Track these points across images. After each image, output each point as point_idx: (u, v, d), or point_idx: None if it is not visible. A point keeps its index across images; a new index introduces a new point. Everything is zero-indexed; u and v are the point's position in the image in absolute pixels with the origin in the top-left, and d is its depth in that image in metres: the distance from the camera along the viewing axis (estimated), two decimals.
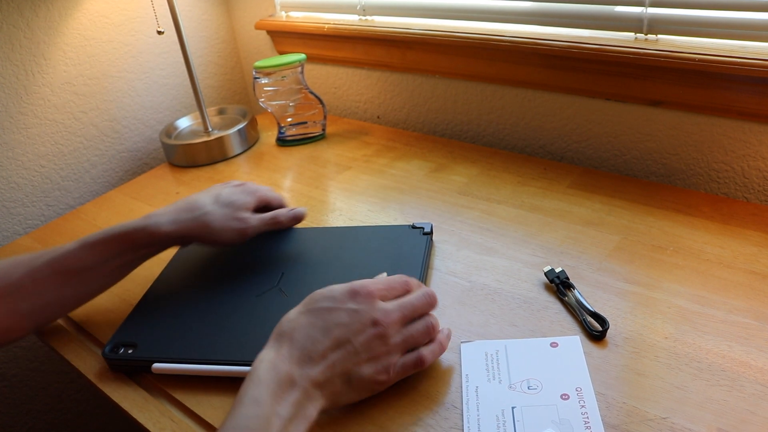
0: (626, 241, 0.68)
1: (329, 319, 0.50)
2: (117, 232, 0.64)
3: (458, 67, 0.94)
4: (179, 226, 0.65)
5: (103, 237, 0.63)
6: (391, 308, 0.52)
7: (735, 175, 0.77)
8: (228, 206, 0.69)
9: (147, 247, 0.65)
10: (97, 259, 0.63)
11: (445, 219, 0.76)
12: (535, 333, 0.57)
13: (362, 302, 0.51)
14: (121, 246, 0.63)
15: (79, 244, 0.63)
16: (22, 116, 0.95)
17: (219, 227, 0.67)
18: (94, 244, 0.63)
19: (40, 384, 1.04)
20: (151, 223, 0.64)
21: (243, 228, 0.69)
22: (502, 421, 0.49)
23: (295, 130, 1.03)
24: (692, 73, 0.73)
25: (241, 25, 1.21)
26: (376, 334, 0.50)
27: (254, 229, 0.70)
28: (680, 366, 0.52)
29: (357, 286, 0.52)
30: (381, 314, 0.51)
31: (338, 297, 0.51)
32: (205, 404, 0.55)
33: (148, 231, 0.64)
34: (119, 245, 0.63)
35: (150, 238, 0.64)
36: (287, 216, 0.74)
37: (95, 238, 0.63)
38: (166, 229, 0.65)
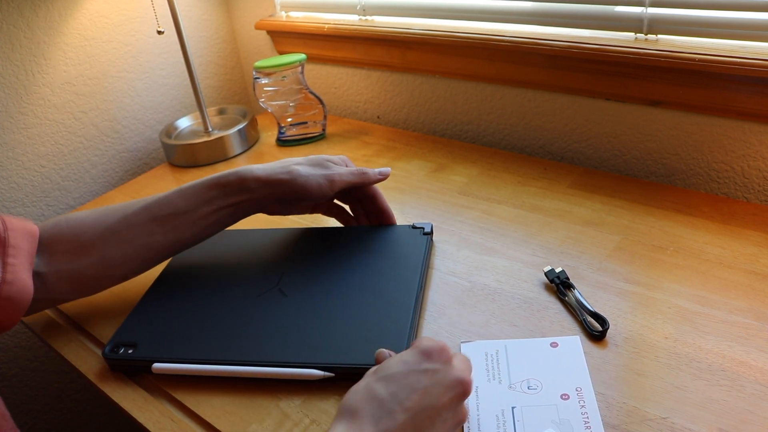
0: (626, 241, 0.68)
1: (405, 386, 0.44)
2: (210, 178, 0.65)
3: (458, 67, 0.94)
4: (269, 173, 0.65)
5: (197, 183, 0.65)
6: (465, 367, 0.48)
7: (735, 175, 0.77)
8: (317, 162, 0.68)
9: (238, 194, 0.65)
10: (190, 204, 0.64)
11: (445, 219, 0.76)
12: (535, 333, 0.57)
13: (439, 361, 0.46)
14: (213, 191, 0.64)
15: (173, 191, 0.64)
16: (22, 116, 0.95)
17: (307, 174, 0.66)
18: (187, 189, 0.64)
19: (40, 384, 1.04)
20: (244, 169, 0.65)
21: (330, 175, 0.67)
22: (502, 421, 0.49)
23: (295, 130, 1.03)
24: (692, 73, 0.73)
25: (241, 25, 1.21)
26: (461, 393, 0.46)
27: (342, 179, 0.68)
28: (680, 366, 0.52)
29: (429, 345, 0.47)
30: (462, 373, 0.47)
31: (410, 360, 0.46)
32: (205, 404, 0.55)
33: (239, 176, 0.65)
34: (210, 191, 0.64)
35: (241, 183, 0.65)
36: (374, 171, 0.71)
37: (189, 184, 0.65)
38: (257, 174, 0.65)
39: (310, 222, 0.80)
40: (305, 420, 0.52)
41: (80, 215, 0.64)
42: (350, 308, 0.61)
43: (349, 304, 0.61)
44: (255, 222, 0.81)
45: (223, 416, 0.53)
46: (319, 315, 0.60)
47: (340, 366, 0.54)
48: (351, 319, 0.59)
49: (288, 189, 0.66)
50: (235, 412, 0.54)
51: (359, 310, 0.60)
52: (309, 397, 0.54)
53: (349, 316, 0.60)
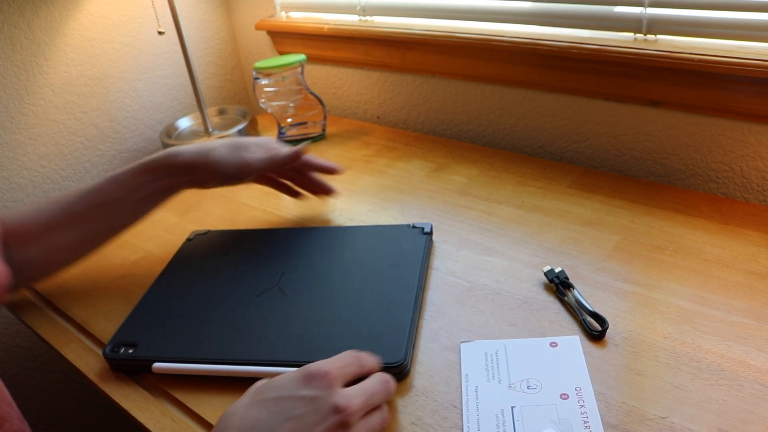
0: (626, 241, 0.68)
1: (279, 413, 0.43)
2: (140, 163, 0.68)
3: (458, 67, 0.94)
4: (191, 158, 0.69)
5: (128, 170, 0.68)
6: (353, 393, 0.45)
7: (734, 175, 0.77)
8: (236, 146, 0.71)
9: (166, 178, 0.69)
10: (123, 190, 0.67)
11: (445, 219, 0.76)
12: (534, 333, 0.57)
13: (319, 387, 0.44)
14: (143, 177, 0.68)
15: (107, 179, 0.68)
16: (23, 117, 0.95)
17: (223, 160, 0.69)
18: (120, 176, 0.68)
19: (40, 384, 1.04)
20: (169, 153, 0.69)
21: (244, 161, 0.70)
22: (502, 421, 0.49)
23: (295, 130, 1.03)
24: (691, 73, 0.73)
25: (242, 25, 1.21)
26: (338, 422, 0.43)
27: (255, 165, 0.71)
28: (679, 366, 0.52)
29: (312, 369, 0.46)
30: (343, 400, 0.44)
31: (288, 384, 0.45)
32: (205, 404, 0.55)
33: (165, 162, 0.68)
34: (141, 176, 0.68)
35: (167, 168, 0.68)
36: (284, 152, 0.73)
37: (122, 171, 0.68)
38: (180, 159, 0.69)
39: (309, 222, 0.80)
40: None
41: (20, 208, 0.68)
42: (350, 308, 0.61)
43: (349, 303, 0.61)
44: (255, 222, 0.82)
45: None
46: (319, 315, 0.60)
47: None
48: (351, 319, 0.59)
49: (207, 172, 0.70)
50: None
51: (359, 309, 0.60)
52: None
53: (349, 316, 0.60)
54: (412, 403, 0.52)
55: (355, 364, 0.49)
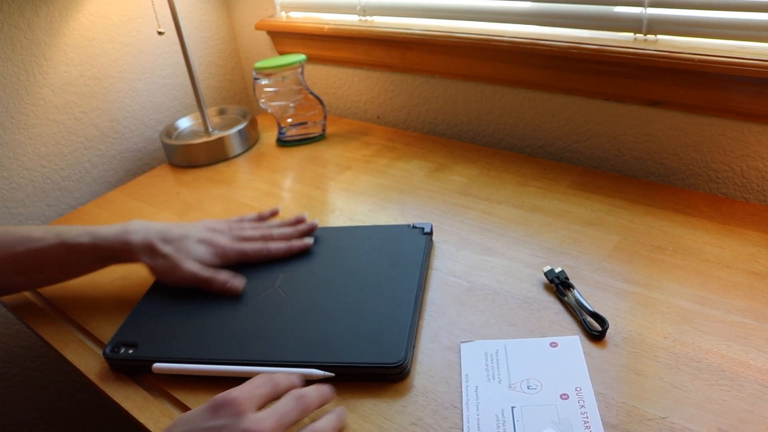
0: (626, 241, 0.68)
1: None
2: (95, 242, 0.65)
3: (458, 67, 0.94)
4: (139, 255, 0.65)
5: (82, 243, 0.65)
6: (264, 416, 0.45)
7: (734, 175, 0.77)
8: (182, 252, 0.65)
9: (117, 260, 0.66)
10: (72, 260, 0.66)
11: (445, 219, 0.76)
12: (534, 333, 0.57)
13: (227, 416, 0.44)
14: (97, 254, 0.65)
15: (58, 242, 0.65)
16: (22, 117, 0.95)
17: (157, 268, 0.65)
18: (72, 246, 0.65)
19: (40, 384, 1.04)
20: (125, 244, 0.65)
21: (173, 271, 0.64)
22: (502, 421, 0.49)
23: (295, 130, 1.03)
24: (691, 73, 0.73)
25: (242, 25, 1.21)
26: None
27: (183, 279, 0.64)
28: (680, 366, 0.52)
29: (218, 399, 0.45)
30: (254, 424, 0.43)
31: (196, 417, 0.44)
32: None
33: (120, 252, 0.65)
34: (95, 253, 0.65)
35: (121, 255, 0.65)
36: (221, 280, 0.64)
37: (74, 240, 0.65)
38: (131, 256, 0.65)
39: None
40: (305, 420, 0.52)
41: None
42: (350, 308, 0.61)
43: (349, 303, 0.61)
44: None
45: None
46: (319, 314, 0.60)
47: (340, 366, 0.55)
48: (351, 318, 0.59)
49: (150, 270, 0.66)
50: None
51: (359, 309, 0.60)
52: None
53: (349, 315, 0.60)
54: (412, 403, 0.52)
55: (267, 385, 0.48)
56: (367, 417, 0.51)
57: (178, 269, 0.64)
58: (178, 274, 0.64)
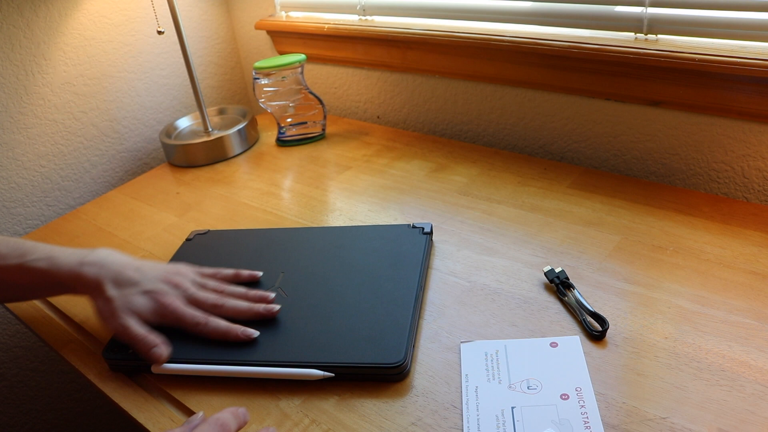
0: (626, 241, 0.68)
1: None
2: (51, 269, 0.61)
3: (458, 67, 0.94)
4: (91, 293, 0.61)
5: (44, 268, 0.61)
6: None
7: (735, 175, 0.77)
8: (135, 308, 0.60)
9: (73, 292, 0.63)
10: (29, 284, 0.62)
11: (445, 219, 0.76)
12: (534, 333, 0.57)
13: None
14: (55, 285, 0.62)
15: (17, 263, 0.61)
16: (22, 116, 0.95)
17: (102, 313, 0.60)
18: (29, 271, 0.61)
19: (40, 384, 1.04)
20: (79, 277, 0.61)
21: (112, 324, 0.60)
22: (502, 421, 0.49)
23: (295, 130, 1.03)
24: (692, 73, 0.73)
25: (241, 25, 1.21)
26: None
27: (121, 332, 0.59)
28: (680, 366, 0.52)
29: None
30: None
31: None
32: (205, 404, 0.55)
33: (75, 285, 0.61)
34: (53, 283, 0.62)
35: (76, 289, 0.62)
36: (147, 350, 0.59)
37: (32, 263, 0.61)
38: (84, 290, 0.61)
39: (309, 222, 0.80)
40: (305, 420, 0.52)
41: None
42: (350, 308, 0.61)
43: (349, 303, 0.61)
44: (255, 222, 0.82)
45: None
46: (319, 315, 0.60)
47: (339, 366, 0.54)
48: (351, 318, 0.59)
49: None
50: None
51: (359, 309, 0.60)
52: (309, 397, 0.54)
53: (349, 315, 0.60)
54: (412, 403, 0.52)
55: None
56: (367, 417, 0.51)
57: (114, 319, 0.59)
58: (111, 324, 0.60)
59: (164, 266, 0.65)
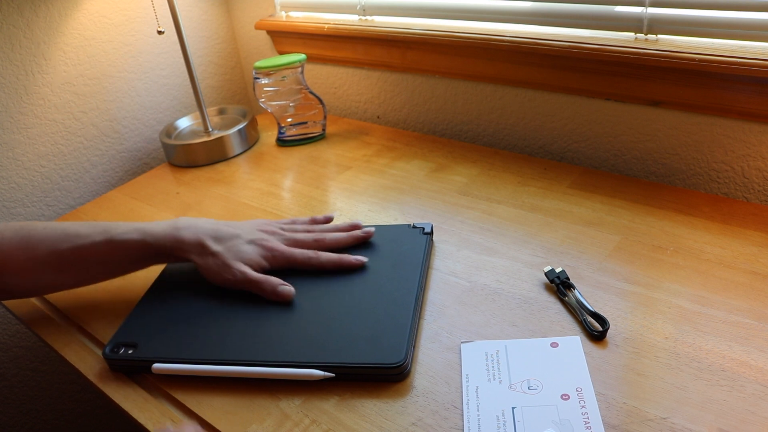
0: (626, 241, 0.68)
1: None
2: (144, 238, 0.64)
3: (458, 67, 0.94)
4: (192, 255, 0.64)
5: (130, 240, 0.63)
6: None
7: (735, 175, 0.77)
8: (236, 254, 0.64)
9: (167, 258, 0.66)
10: (120, 258, 0.64)
11: (445, 219, 0.76)
12: (535, 333, 0.57)
13: None
14: (146, 252, 0.64)
15: (104, 239, 0.63)
16: (22, 116, 0.95)
17: (207, 266, 0.64)
18: (119, 243, 0.63)
19: (40, 384, 1.04)
20: (176, 241, 0.64)
21: (226, 273, 0.63)
22: (503, 422, 0.49)
23: (295, 130, 1.03)
24: (692, 73, 0.73)
25: (241, 25, 1.21)
26: None
27: (234, 282, 0.63)
28: (680, 366, 0.52)
29: None
30: None
31: None
32: (205, 404, 0.55)
33: (173, 250, 0.64)
34: (143, 251, 0.64)
35: (171, 252, 0.64)
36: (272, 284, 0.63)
37: (121, 236, 0.63)
38: (183, 254, 0.64)
39: None
40: (305, 420, 0.52)
41: (6, 235, 0.64)
42: (350, 308, 0.61)
43: (349, 303, 0.61)
44: None
45: (223, 416, 0.53)
46: (319, 315, 0.60)
47: (340, 366, 0.54)
48: (351, 318, 0.59)
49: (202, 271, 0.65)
50: (235, 412, 0.54)
51: (359, 309, 0.60)
52: (309, 397, 0.54)
53: (349, 315, 0.60)
54: (412, 403, 0.52)
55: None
56: (367, 417, 0.51)
57: (229, 269, 0.63)
58: (228, 275, 0.63)
59: (251, 221, 0.69)
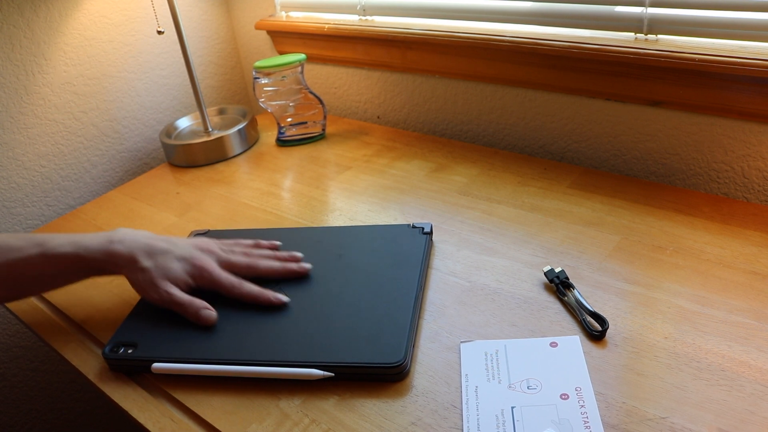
0: (626, 241, 0.68)
1: None
2: (77, 251, 0.61)
3: (458, 67, 0.94)
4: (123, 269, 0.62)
5: (63, 253, 0.61)
6: None
7: (735, 175, 0.77)
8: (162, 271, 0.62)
9: (102, 272, 0.63)
10: (54, 272, 0.62)
11: (445, 219, 0.76)
12: (534, 333, 0.57)
13: None
14: (80, 265, 0.62)
15: (37, 252, 0.61)
16: (22, 116, 0.95)
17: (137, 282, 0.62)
18: (53, 257, 0.61)
19: (40, 384, 1.04)
20: (108, 254, 0.62)
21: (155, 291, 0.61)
22: (502, 421, 0.49)
23: (295, 130, 1.03)
24: (692, 73, 0.73)
25: (241, 25, 1.21)
26: None
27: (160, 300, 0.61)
28: (680, 366, 0.52)
29: None
30: None
31: None
32: (205, 404, 0.55)
33: (104, 264, 0.62)
34: (77, 264, 0.62)
35: (105, 266, 0.62)
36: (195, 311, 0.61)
37: (55, 250, 0.61)
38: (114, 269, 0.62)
39: (309, 222, 0.80)
40: (305, 420, 0.52)
41: None
42: (350, 308, 0.61)
43: (349, 303, 0.61)
44: (255, 222, 0.82)
45: (223, 416, 0.53)
46: (319, 314, 0.60)
47: (339, 365, 0.54)
48: (351, 318, 0.59)
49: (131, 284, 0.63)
50: (235, 412, 0.54)
51: (359, 309, 0.60)
52: (309, 396, 0.54)
53: (349, 315, 0.60)
54: (412, 403, 0.52)
55: None
56: (367, 417, 0.51)
57: (155, 288, 0.61)
58: (154, 293, 0.61)
59: (190, 238, 0.67)
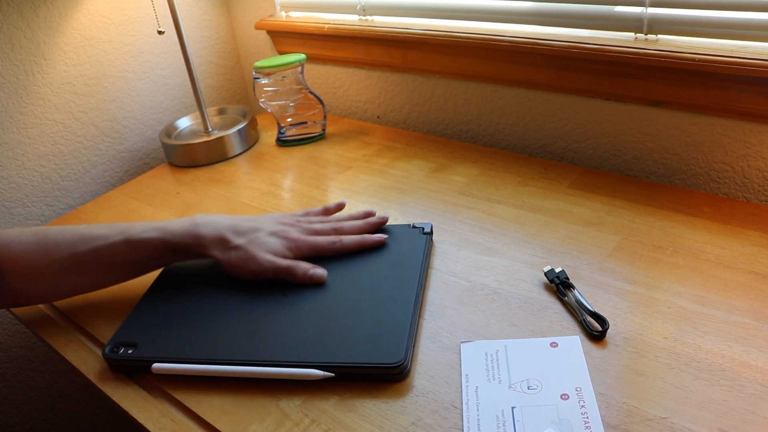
0: (626, 241, 0.68)
1: None
2: (163, 236, 0.64)
3: (458, 67, 0.94)
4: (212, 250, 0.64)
5: (148, 238, 0.64)
6: None
7: (735, 175, 0.77)
8: (257, 244, 0.64)
9: (187, 254, 0.66)
10: (140, 258, 0.64)
11: (445, 219, 0.76)
12: (534, 333, 0.57)
13: None
14: (165, 250, 0.64)
15: (122, 239, 0.63)
16: (22, 116, 0.95)
17: (229, 261, 0.64)
18: (138, 243, 0.64)
19: (40, 384, 1.04)
20: (196, 237, 0.64)
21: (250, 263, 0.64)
22: (502, 421, 0.49)
23: (295, 130, 1.03)
24: (692, 73, 0.73)
25: (241, 25, 1.21)
26: None
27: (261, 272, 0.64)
28: (680, 366, 0.52)
29: None
30: None
31: None
32: (205, 404, 0.55)
33: (191, 246, 0.64)
34: (162, 250, 0.64)
35: (191, 248, 0.65)
36: (303, 270, 0.64)
37: (139, 236, 0.64)
38: (203, 250, 0.64)
39: None
40: (305, 420, 0.52)
41: (21, 237, 0.63)
42: (350, 308, 0.61)
43: (349, 303, 0.61)
44: None
45: (223, 416, 0.53)
46: (319, 315, 0.60)
47: (340, 366, 0.54)
48: (351, 318, 0.59)
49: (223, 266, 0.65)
50: (235, 412, 0.54)
51: (359, 309, 0.60)
52: (309, 397, 0.54)
53: (349, 315, 0.60)
54: (412, 403, 0.52)
55: None
56: (367, 417, 0.51)
57: (254, 260, 0.63)
58: (254, 265, 0.63)
59: (267, 215, 0.70)
